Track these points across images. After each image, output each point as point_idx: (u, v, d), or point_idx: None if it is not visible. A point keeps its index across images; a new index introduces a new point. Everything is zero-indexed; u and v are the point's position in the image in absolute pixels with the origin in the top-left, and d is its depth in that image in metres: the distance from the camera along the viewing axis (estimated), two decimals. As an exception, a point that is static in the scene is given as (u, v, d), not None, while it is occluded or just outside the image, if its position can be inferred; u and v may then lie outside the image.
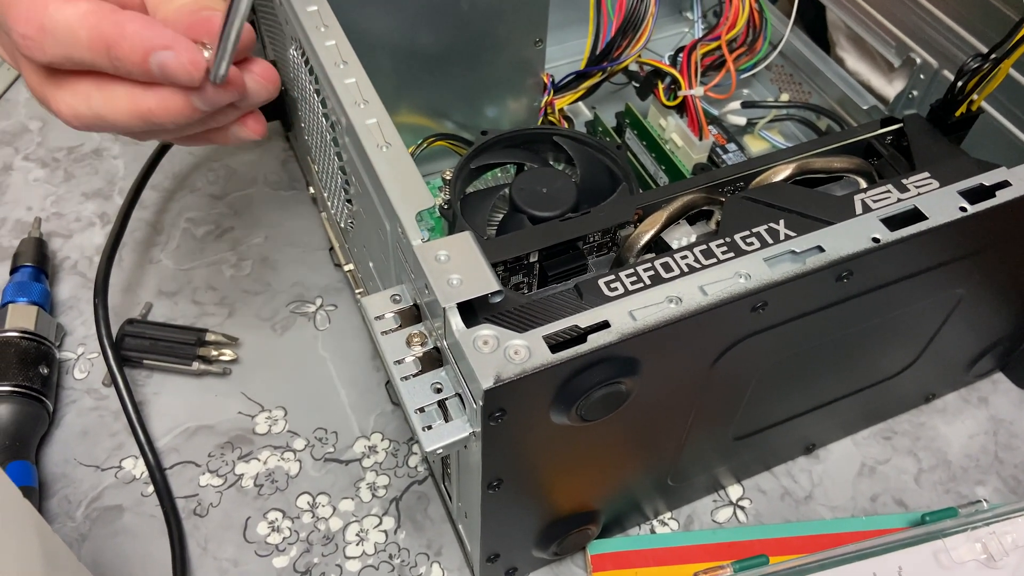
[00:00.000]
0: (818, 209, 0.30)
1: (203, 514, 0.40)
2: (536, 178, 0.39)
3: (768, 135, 0.52)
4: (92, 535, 0.39)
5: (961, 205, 0.30)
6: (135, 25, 0.27)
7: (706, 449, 0.37)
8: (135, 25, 0.27)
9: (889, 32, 0.47)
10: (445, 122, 0.49)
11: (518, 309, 0.28)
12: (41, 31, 0.27)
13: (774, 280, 0.28)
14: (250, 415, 0.43)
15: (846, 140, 0.36)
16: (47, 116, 0.58)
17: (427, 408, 0.28)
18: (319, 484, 0.41)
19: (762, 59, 0.51)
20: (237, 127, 0.32)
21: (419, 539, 0.39)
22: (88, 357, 0.45)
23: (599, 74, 0.48)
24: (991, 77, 0.35)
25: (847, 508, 0.41)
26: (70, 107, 0.30)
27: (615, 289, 0.28)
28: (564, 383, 0.27)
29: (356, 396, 0.44)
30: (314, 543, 0.39)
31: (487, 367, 0.25)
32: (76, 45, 0.27)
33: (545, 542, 0.36)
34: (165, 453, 0.42)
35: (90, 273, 0.48)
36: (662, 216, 0.33)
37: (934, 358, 0.40)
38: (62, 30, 0.27)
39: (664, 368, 0.29)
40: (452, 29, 0.45)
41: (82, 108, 0.30)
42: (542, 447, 0.30)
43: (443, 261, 0.28)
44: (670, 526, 0.40)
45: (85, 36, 0.27)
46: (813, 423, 0.40)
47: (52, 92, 0.30)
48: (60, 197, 0.53)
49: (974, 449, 0.43)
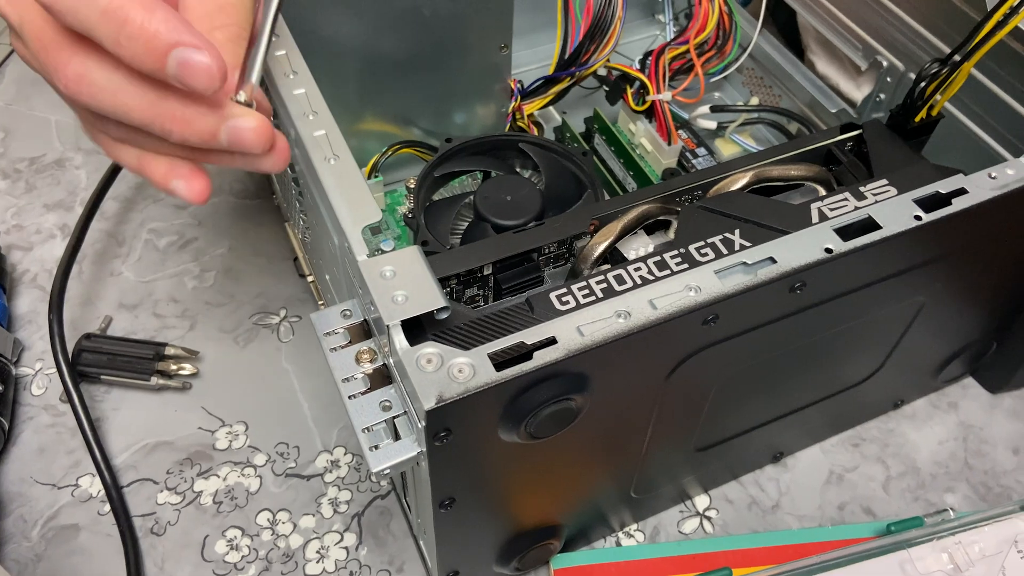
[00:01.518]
0: (774, 218, 0.30)
1: (160, 533, 0.39)
2: (501, 186, 0.38)
3: (739, 139, 0.51)
4: (47, 555, 0.39)
5: (916, 214, 0.29)
6: (165, 14, 0.25)
7: (668, 461, 0.36)
8: (165, 14, 0.25)
9: (856, 35, 0.46)
10: (412, 129, 0.49)
11: (467, 325, 0.27)
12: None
13: (725, 293, 0.27)
14: (210, 430, 0.43)
15: (806, 147, 0.36)
16: (8, 126, 0.57)
17: (375, 427, 0.28)
18: (280, 500, 0.40)
19: (732, 62, 0.51)
20: (181, 181, 0.29)
21: (381, 555, 0.39)
22: (46, 373, 0.45)
23: (568, 79, 0.48)
24: (951, 80, 0.35)
25: (815, 517, 0.41)
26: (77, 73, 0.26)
27: (567, 303, 0.28)
28: (511, 401, 0.26)
29: (319, 409, 0.44)
30: (273, 561, 0.39)
31: (429, 386, 0.25)
32: (88, 4, 0.24)
33: (506, 558, 0.35)
34: (123, 470, 0.41)
35: (50, 286, 0.47)
36: (616, 227, 0.32)
37: (900, 364, 0.39)
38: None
39: (616, 383, 0.28)
40: (415, 35, 0.44)
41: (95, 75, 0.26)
42: (494, 465, 0.29)
43: (388, 277, 0.27)
44: (636, 538, 0.40)
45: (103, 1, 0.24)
46: (779, 431, 0.40)
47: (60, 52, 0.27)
48: (21, 209, 0.52)
49: (943, 456, 0.43)
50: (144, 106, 0.27)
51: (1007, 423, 0.44)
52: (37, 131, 0.57)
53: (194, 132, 0.28)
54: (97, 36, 0.25)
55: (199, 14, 0.28)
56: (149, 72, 0.26)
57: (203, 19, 0.28)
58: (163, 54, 0.25)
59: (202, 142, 0.28)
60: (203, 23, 0.28)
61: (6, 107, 0.58)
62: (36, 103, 0.59)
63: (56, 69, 0.27)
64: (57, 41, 0.27)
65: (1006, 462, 0.43)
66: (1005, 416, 0.44)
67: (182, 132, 0.28)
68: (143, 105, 0.27)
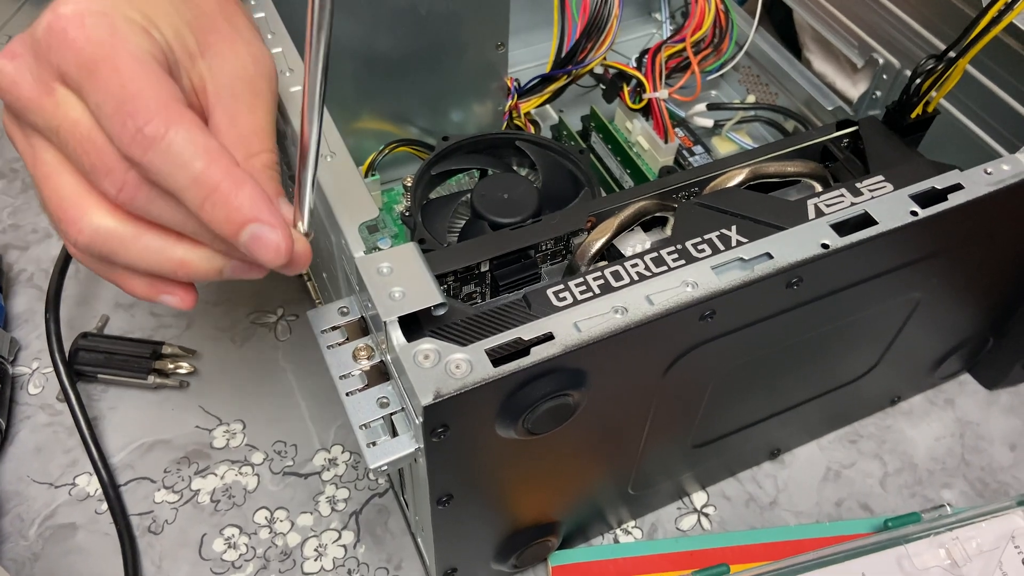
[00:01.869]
0: (771, 214, 0.30)
1: (158, 531, 0.39)
2: (498, 184, 0.38)
3: (736, 137, 0.51)
4: (45, 554, 0.39)
5: (912, 209, 0.29)
6: (251, 189, 0.25)
7: (666, 457, 0.36)
8: (251, 189, 0.25)
9: (852, 32, 0.46)
10: (409, 127, 0.49)
11: (464, 321, 0.27)
12: (160, 138, 0.24)
13: (721, 288, 0.27)
14: (208, 429, 0.43)
15: (803, 143, 0.36)
16: (5, 125, 0.57)
17: (372, 424, 0.28)
18: (277, 499, 0.40)
19: (728, 60, 0.51)
20: (172, 295, 0.29)
21: (379, 553, 0.39)
22: (43, 372, 0.45)
23: (564, 77, 0.48)
24: (947, 76, 0.35)
25: (812, 513, 0.41)
26: (139, 187, 0.26)
27: (564, 299, 0.28)
28: (508, 397, 0.26)
29: (317, 408, 0.44)
30: (271, 559, 0.39)
31: (427, 382, 0.25)
32: (182, 170, 0.24)
33: (504, 555, 0.35)
34: (120, 469, 0.41)
35: (46, 286, 0.47)
36: (613, 224, 0.32)
37: (897, 361, 0.39)
38: (179, 150, 0.24)
39: (613, 379, 0.28)
40: (411, 34, 0.44)
41: (108, 223, 0.26)
42: (492, 461, 0.29)
43: (385, 274, 0.27)
44: (633, 535, 0.40)
45: (197, 169, 0.24)
46: (777, 428, 0.40)
47: (90, 199, 0.26)
48: (17, 208, 0.52)
49: (940, 452, 0.43)
50: (153, 256, 0.27)
51: (1004, 419, 0.44)
52: (33, 131, 0.57)
53: (198, 275, 0.28)
54: (182, 197, 0.25)
55: (232, 138, 0.28)
56: (219, 236, 0.26)
57: (237, 144, 0.28)
58: (241, 226, 0.25)
59: (223, 233, 0.27)
60: (238, 148, 0.27)
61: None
62: (32, 103, 0.59)
63: (75, 219, 0.26)
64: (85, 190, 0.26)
65: (1003, 458, 0.43)
66: (1002, 412, 0.44)
67: (186, 275, 0.28)
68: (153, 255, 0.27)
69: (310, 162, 0.26)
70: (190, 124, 0.25)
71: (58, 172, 0.27)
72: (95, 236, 0.26)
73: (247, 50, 0.29)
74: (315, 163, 0.26)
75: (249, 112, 0.29)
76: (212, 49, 0.28)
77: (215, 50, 0.28)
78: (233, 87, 0.28)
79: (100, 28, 0.25)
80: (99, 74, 0.25)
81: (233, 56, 0.29)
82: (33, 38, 0.26)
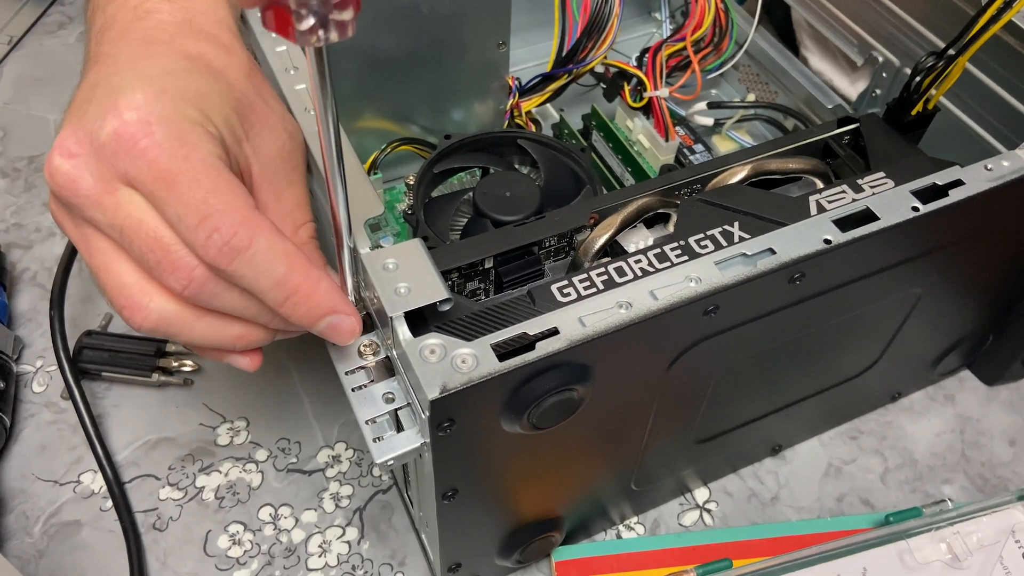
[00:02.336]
0: (773, 211, 0.30)
1: (163, 528, 0.39)
2: (500, 182, 0.38)
3: (736, 135, 0.52)
4: (50, 551, 0.39)
5: (913, 205, 0.30)
6: (328, 285, 0.27)
7: (668, 453, 0.37)
8: (328, 285, 0.27)
9: (851, 30, 0.46)
10: (411, 126, 0.49)
11: (469, 317, 0.28)
12: (246, 248, 0.25)
13: (725, 283, 0.27)
14: (211, 426, 0.43)
15: (804, 140, 0.36)
16: (7, 126, 0.57)
17: (378, 419, 0.28)
18: (281, 495, 0.41)
19: (728, 59, 0.51)
20: (240, 357, 0.31)
21: (383, 549, 0.39)
22: (47, 370, 0.45)
23: (565, 76, 0.48)
24: (947, 74, 0.35)
25: (813, 509, 0.41)
26: (206, 282, 0.26)
27: (568, 294, 0.28)
28: (514, 391, 0.26)
29: (320, 405, 0.44)
30: (276, 556, 0.39)
31: (433, 377, 0.25)
32: (265, 275, 0.26)
33: (507, 550, 0.36)
34: (125, 467, 0.41)
35: (49, 284, 0.47)
36: (617, 220, 0.33)
37: (898, 356, 0.40)
38: (263, 258, 0.26)
39: (617, 374, 0.29)
40: (413, 33, 0.44)
41: (217, 290, 0.27)
42: (496, 456, 0.29)
43: (391, 270, 0.28)
44: (636, 531, 0.40)
45: (280, 274, 0.26)
46: (778, 424, 0.40)
47: (152, 286, 0.27)
48: (20, 207, 0.52)
49: (940, 447, 0.43)
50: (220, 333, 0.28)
51: (1003, 415, 0.44)
52: (36, 130, 0.57)
53: (254, 344, 0.29)
54: (263, 297, 0.27)
55: (279, 215, 0.29)
56: (299, 327, 0.28)
57: (285, 219, 0.29)
58: (319, 319, 0.27)
59: (300, 323, 0.28)
60: (286, 223, 0.29)
61: (5, 106, 0.58)
62: (34, 102, 0.59)
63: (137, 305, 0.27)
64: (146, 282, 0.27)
65: (1003, 453, 0.43)
66: (1001, 408, 0.45)
67: (244, 345, 0.29)
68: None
69: (345, 246, 0.28)
70: (269, 232, 0.26)
71: (116, 262, 0.27)
72: (160, 321, 0.27)
73: (282, 125, 0.30)
74: (350, 250, 0.28)
75: (290, 186, 0.30)
76: (254, 130, 0.29)
77: (256, 130, 0.29)
78: (274, 165, 0.29)
79: (170, 138, 0.26)
80: (178, 187, 0.25)
81: (272, 135, 0.29)
82: (94, 139, 0.26)
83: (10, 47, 0.62)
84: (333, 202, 0.26)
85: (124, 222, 0.26)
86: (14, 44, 0.63)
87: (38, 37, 0.64)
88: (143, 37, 0.29)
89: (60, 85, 0.60)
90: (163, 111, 0.26)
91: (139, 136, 0.25)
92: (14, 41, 0.63)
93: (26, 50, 0.63)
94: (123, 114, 0.26)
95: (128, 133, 0.25)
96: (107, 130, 0.26)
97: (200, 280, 0.26)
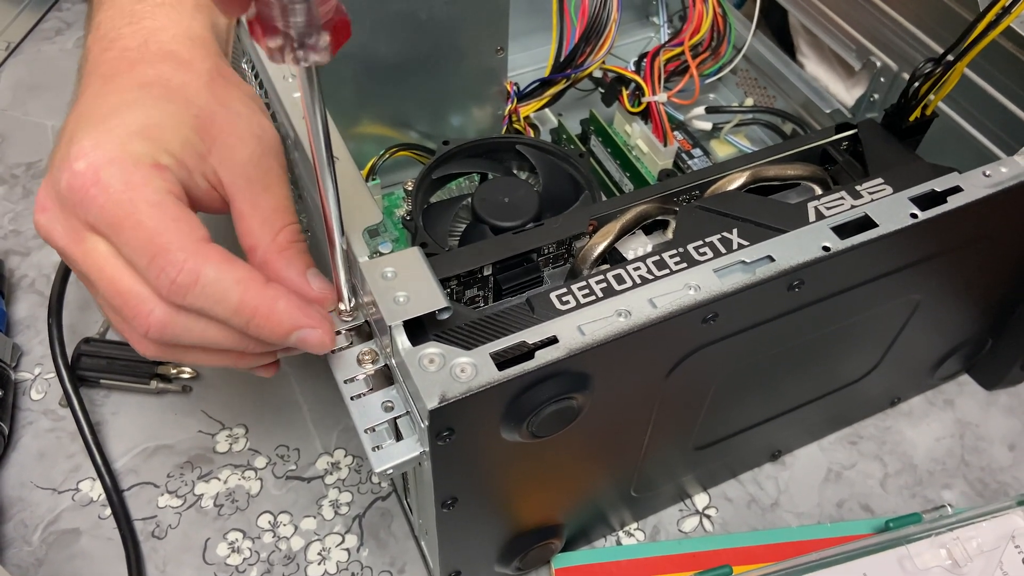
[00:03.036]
0: (771, 217, 0.30)
1: (162, 536, 0.39)
2: (498, 188, 0.38)
3: (734, 140, 0.52)
4: (48, 559, 0.39)
5: (912, 212, 0.30)
6: (286, 303, 0.27)
7: (668, 459, 0.37)
8: (286, 303, 0.27)
9: (849, 36, 0.47)
10: (409, 132, 0.49)
11: (468, 325, 0.28)
12: (195, 283, 0.26)
13: (724, 291, 0.27)
14: (210, 433, 0.43)
15: (802, 146, 0.36)
16: (4, 132, 0.57)
17: (377, 428, 0.28)
18: (280, 503, 0.40)
19: (726, 64, 0.51)
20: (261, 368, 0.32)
21: (382, 557, 0.39)
22: (45, 377, 0.45)
23: (563, 81, 0.48)
24: (945, 79, 0.35)
25: (813, 514, 0.41)
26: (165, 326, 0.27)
27: (567, 302, 0.28)
28: (513, 400, 0.26)
29: (319, 412, 0.44)
30: (275, 563, 0.39)
31: (432, 386, 0.25)
32: (221, 304, 0.27)
33: (507, 558, 0.35)
34: (123, 474, 0.41)
35: (48, 291, 0.47)
36: (615, 227, 0.33)
37: (897, 362, 0.40)
38: (214, 288, 0.26)
39: (617, 382, 0.29)
40: (411, 39, 0.44)
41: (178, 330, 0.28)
42: (496, 464, 0.29)
43: (390, 278, 0.28)
44: (636, 537, 0.40)
45: (235, 300, 0.27)
46: (778, 430, 0.40)
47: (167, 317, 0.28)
48: (18, 214, 0.52)
49: (940, 452, 0.43)
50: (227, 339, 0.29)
51: (1003, 420, 0.44)
52: (33, 136, 0.57)
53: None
54: (228, 323, 0.27)
55: (257, 222, 0.29)
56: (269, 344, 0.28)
57: (263, 227, 0.29)
58: (286, 335, 0.28)
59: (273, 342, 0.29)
60: (264, 230, 0.29)
61: (2, 113, 0.58)
62: (32, 108, 0.59)
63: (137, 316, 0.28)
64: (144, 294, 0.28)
65: (1002, 458, 0.43)
66: (1001, 413, 0.45)
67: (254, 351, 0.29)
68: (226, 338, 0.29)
69: (338, 251, 0.27)
70: (218, 261, 0.27)
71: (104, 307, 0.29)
72: (158, 354, 0.29)
73: (250, 132, 0.30)
74: (344, 254, 0.28)
75: (265, 191, 0.30)
76: (217, 142, 0.29)
77: (220, 141, 0.29)
78: (246, 173, 0.29)
79: (115, 181, 0.26)
80: (124, 231, 0.26)
81: (239, 143, 0.29)
82: (57, 191, 0.27)
83: (7, 53, 0.62)
84: (324, 206, 0.26)
85: (89, 271, 0.27)
86: (12, 50, 0.63)
87: (36, 43, 0.64)
88: (105, 72, 0.30)
89: (58, 91, 0.60)
90: (109, 154, 0.27)
91: (88, 185, 0.26)
92: (12, 47, 0.63)
93: (24, 56, 0.63)
94: (73, 164, 0.27)
95: (78, 184, 0.26)
96: (63, 183, 0.27)
97: (159, 324, 0.27)
